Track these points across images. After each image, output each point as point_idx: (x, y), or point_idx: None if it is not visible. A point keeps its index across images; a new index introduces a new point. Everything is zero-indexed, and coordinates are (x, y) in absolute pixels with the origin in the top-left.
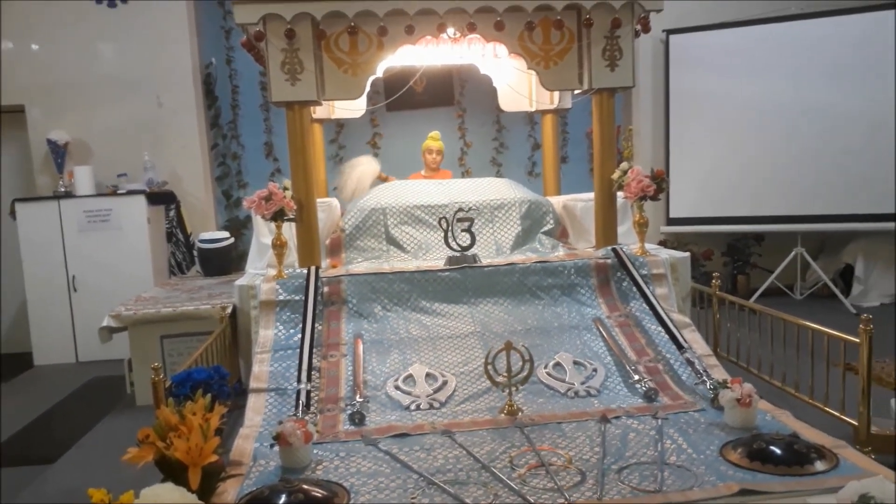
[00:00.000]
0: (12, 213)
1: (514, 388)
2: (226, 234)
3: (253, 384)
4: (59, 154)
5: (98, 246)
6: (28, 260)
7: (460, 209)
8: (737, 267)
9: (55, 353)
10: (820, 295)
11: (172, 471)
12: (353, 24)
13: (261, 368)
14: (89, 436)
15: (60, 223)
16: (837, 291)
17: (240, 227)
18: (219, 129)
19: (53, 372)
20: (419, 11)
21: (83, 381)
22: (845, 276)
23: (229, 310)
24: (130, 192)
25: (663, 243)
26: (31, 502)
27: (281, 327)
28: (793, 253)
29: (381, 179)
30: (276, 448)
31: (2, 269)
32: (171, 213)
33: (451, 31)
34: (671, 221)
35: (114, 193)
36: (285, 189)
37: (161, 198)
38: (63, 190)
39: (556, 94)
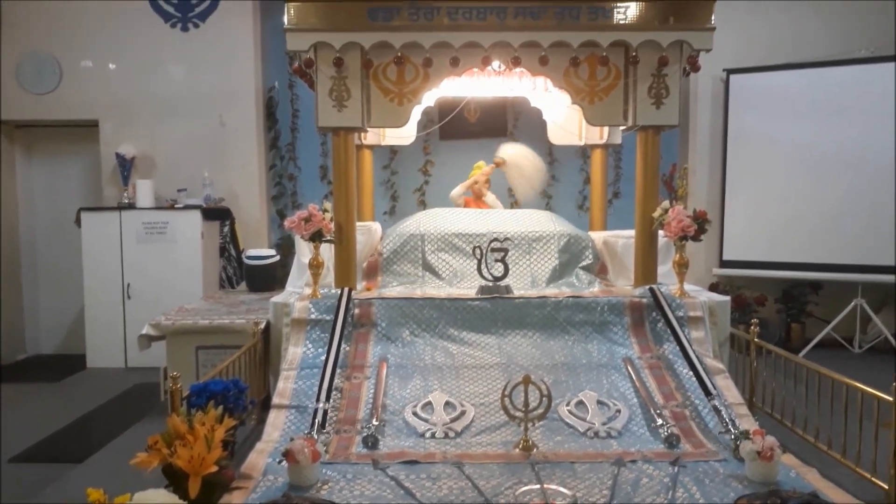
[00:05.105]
0: (77, 221)
1: (530, 424)
2: (272, 251)
3: (276, 400)
4: (125, 167)
5: (153, 257)
6: (88, 266)
7: (495, 239)
8: (791, 315)
9: (107, 357)
10: (881, 350)
11: (176, 478)
12: (399, 54)
13: (285, 385)
14: (120, 439)
15: (120, 233)
16: None
17: (291, 245)
18: (277, 150)
19: (103, 375)
20: (464, 44)
21: (128, 385)
22: None
23: (262, 325)
24: (187, 207)
25: (715, 286)
26: (48, 501)
27: (310, 346)
28: (852, 304)
29: (497, 165)
30: (285, 464)
31: (65, 274)
32: (226, 229)
33: (496, 64)
34: (724, 264)
35: (172, 207)
36: (325, 211)
37: (217, 214)
38: (126, 202)
39: (606, 129)
